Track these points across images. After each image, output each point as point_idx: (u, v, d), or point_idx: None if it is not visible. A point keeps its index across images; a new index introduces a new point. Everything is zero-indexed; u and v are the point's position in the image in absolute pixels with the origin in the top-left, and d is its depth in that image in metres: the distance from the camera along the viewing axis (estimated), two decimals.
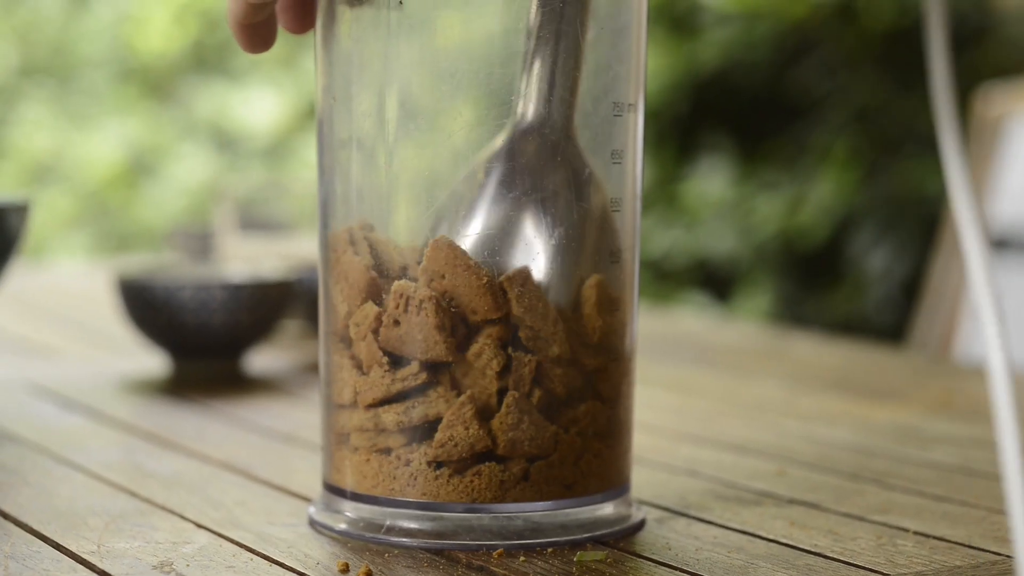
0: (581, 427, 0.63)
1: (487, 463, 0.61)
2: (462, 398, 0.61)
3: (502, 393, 0.61)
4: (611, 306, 0.63)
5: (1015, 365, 1.32)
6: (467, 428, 0.61)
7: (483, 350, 0.61)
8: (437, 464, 0.62)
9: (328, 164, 0.64)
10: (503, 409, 0.61)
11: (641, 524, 0.65)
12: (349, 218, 0.64)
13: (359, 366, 0.63)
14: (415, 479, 0.62)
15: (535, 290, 0.61)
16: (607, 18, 0.62)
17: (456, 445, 0.61)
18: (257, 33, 0.64)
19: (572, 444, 0.62)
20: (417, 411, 0.62)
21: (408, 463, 0.62)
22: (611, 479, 0.64)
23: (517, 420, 0.61)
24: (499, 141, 0.61)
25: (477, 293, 0.61)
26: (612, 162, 0.63)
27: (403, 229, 0.63)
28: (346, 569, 0.58)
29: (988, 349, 0.51)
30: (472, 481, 0.62)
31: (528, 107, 0.62)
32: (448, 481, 0.62)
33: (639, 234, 0.65)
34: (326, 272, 0.65)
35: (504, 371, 0.61)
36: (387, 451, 0.62)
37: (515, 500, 0.62)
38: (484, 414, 0.61)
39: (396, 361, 0.62)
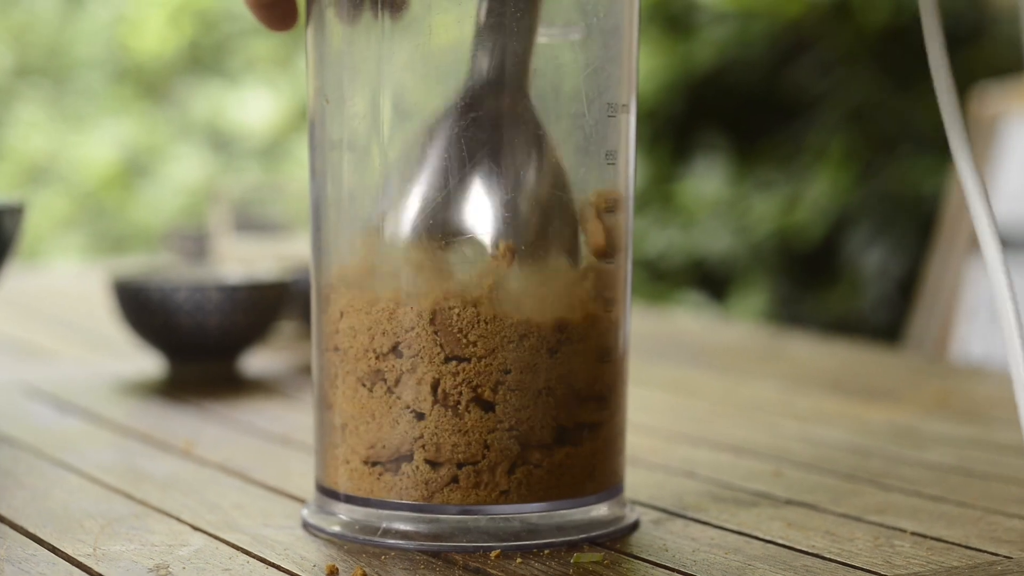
0: (574, 429, 0.62)
1: (470, 466, 0.61)
2: (404, 398, 0.61)
3: (474, 391, 0.61)
4: (604, 306, 0.63)
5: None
6: (395, 427, 0.61)
7: (459, 377, 0.61)
8: (373, 462, 0.62)
9: (320, 166, 0.64)
10: (470, 412, 0.61)
11: (635, 525, 0.65)
12: (340, 221, 0.63)
13: (329, 373, 0.64)
14: (405, 480, 0.62)
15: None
16: (598, 18, 0.62)
17: (385, 447, 0.61)
18: (275, 13, 0.64)
19: (563, 445, 0.62)
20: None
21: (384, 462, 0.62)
22: (605, 480, 0.64)
23: (490, 423, 0.61)
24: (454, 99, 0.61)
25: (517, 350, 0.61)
26: (606, 163, 0.63)
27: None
28: (334, 572, 0.58)
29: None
30: (466, 482, 0.61)
31: (483, 63, 0.61)
32: (440, 483, 0.61)
33: (632, 234, 0.65)
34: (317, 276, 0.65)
35: (475, 374, 0.61)
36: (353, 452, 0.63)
37: (509, 502, 0.62)
38: (430, 412, 0.61)
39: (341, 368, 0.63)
